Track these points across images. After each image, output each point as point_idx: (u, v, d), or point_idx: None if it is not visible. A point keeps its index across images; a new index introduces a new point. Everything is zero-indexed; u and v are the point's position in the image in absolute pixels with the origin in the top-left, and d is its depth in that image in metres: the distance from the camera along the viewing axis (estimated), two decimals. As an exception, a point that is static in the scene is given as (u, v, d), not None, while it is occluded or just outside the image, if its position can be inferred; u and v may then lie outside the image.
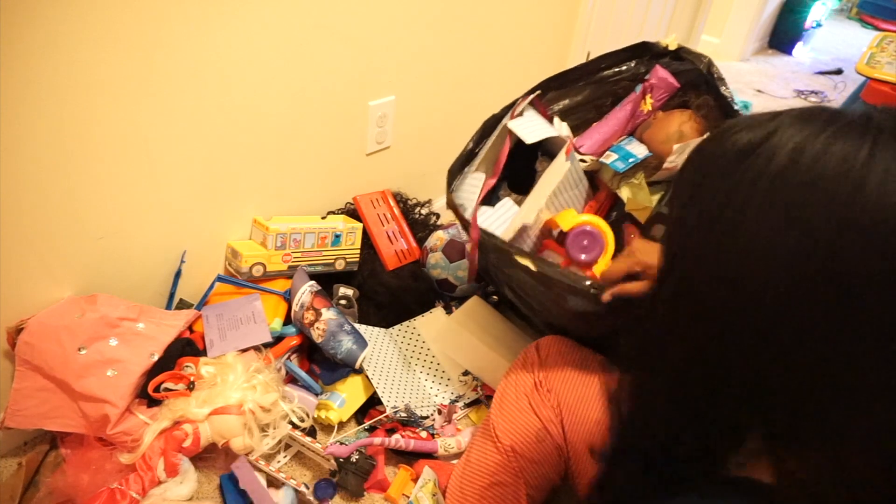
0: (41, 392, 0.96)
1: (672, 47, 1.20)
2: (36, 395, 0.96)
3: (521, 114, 1.10)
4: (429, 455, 1.11)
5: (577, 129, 1.26)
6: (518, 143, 1.11)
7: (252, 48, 1.08)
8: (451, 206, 1.08)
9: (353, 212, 1.42)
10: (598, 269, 1.00)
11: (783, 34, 3.76)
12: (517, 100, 1.17)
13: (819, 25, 3.82)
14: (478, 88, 1.67)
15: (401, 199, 1.49)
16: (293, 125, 1.23)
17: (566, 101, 1.25)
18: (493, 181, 1.09)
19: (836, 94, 3.19)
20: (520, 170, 1.21)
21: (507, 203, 1.10)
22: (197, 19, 0.98)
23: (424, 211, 1.53)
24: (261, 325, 1.15)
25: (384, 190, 1.47)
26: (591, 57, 1.99)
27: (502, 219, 1.08)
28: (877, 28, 4.28)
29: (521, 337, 1.28)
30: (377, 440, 1.07)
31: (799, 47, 3.77)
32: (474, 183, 1.10)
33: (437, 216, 1.55)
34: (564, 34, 1.89)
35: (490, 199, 1.23)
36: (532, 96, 1.16)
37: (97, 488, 0.91)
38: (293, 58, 1.15)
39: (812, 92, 3.19)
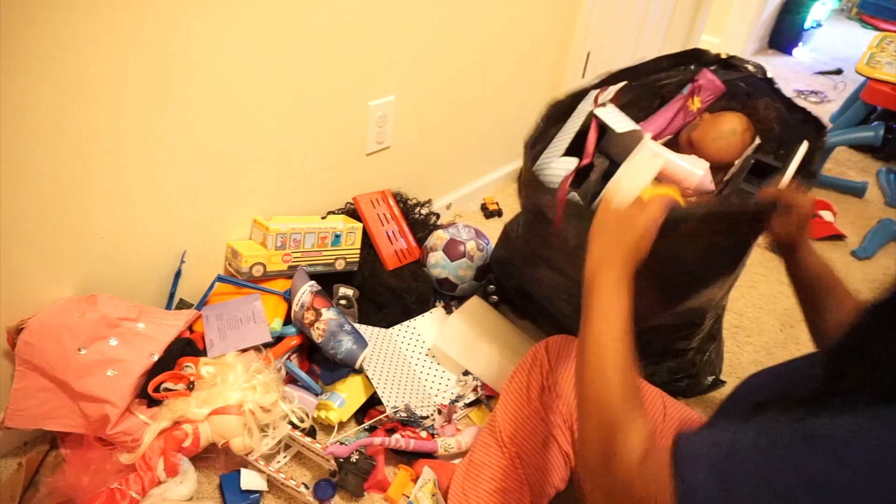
0: (41, 392, 0.96)
1: (724, 56, 1.22)
2: (36, 395, 0.96)
3: (604, 104, 1.11)
4: (429, 455, 1.11)
5: None
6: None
7: (252, 48, 1.08)
8: (532, 184, 1.04)
9: (353, 212, 1.42)
10: None
11: (783, 34, 3.77)
12: (587, 88, 1.17)
13: (819, 25, 3.83)
14: (478, 88, 1.67)
15: (401, 199, 1.49)
16: (293, 125, 1.23)
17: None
18: (586, 161, 1.08)
19: (836, 95, 3.19)
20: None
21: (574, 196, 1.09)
22: (197, 19, 0.98)
23: (424, 211, 1.53)
24: (261, 325, 1.15)
25: (384, 190, 1.47)
26: (591, 57, 2.00)
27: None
28: (877, 28, 4.28)
29: (522, 337, 1.28)
30: (377, 440, 1.07)
31: (799, 47, 3.78)
32: (563, 166, 1.07)
33: (437, 216, 1.56)
34: (564, 34, 1.89)
35: None
36: (616, 88, 1.16)
37: (97, 488, 0.91)
38: (293, 58, 1.15)
39: (812, 92, 3.19)
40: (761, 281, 1.71)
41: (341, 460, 1.04)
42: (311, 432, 1.12)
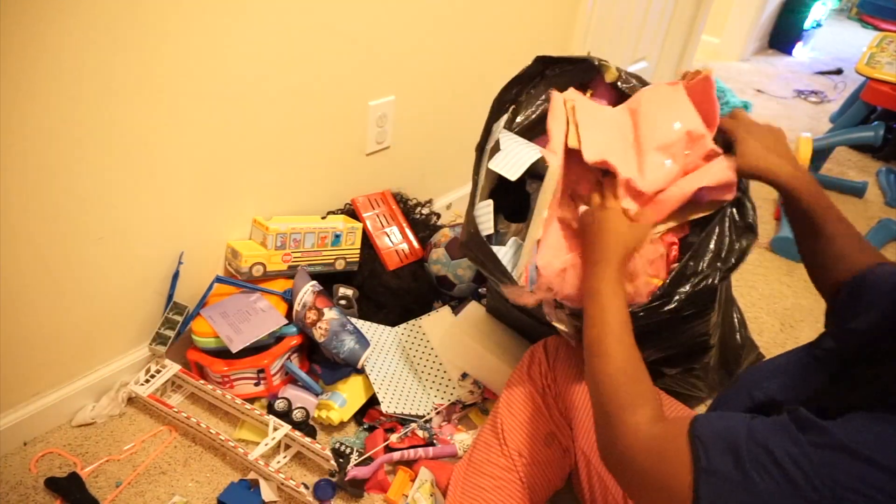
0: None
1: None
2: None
3: (497, 148, 1.03)
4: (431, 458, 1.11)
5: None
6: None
7: (252, 48, 1.08)
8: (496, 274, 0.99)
9: (352, 212, 1.42)
10: None
11: (783, 34, 3.77)
12: (491, 124, 1.10)
13: (819, 25, 3.83)
14: (478, 88, 1.66)
15: (401, 200, 1.49)
16: (293, 125, 1.23)
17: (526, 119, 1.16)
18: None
19: (836, 94, 3.19)
20: (513, 196, 1.14)
21: (515, 243, 1.06)
22: (197, 19, 0.97)
23: (425, 211, 1.53)
24: (271, 311, 1.16)
25: (384, 191, 1.47)
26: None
27: (514, 259, 1.04)
28: (877, 28, 4.29)
29: (521, 340, 1.28)
30: (396, 455, 1.07)
31: (799, 47, 3.78)
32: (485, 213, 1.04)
33: (438, 216, 1.55)
34: (564, 34, 1.89)
35: (491, 237, 1.19)
36: (501, 125, 1.09)
37: None
38: (293, 57, 1.15)
39: (812, 92, 3.19)
40: (761, 281, 1.71)
41: (341, 460, 1.04)
42: (311, 432, 1.12)
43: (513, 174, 0.98)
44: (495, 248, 0.99)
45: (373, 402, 1.18)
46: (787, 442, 0.50)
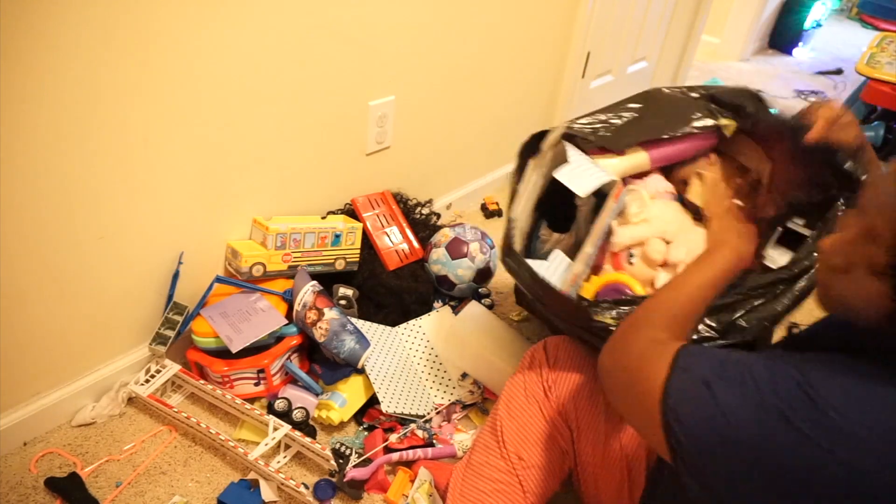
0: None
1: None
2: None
3: (565, 159, 1.02)
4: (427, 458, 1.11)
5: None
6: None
7: (252, 48, 1.08)
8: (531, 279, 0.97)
9: (352, 212, 1.42)
10: None
11: (783, 34, 3.77)
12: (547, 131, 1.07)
13: (819, 25, 3.83)
14: (478, 88, 1.67)
15: (401, 200, 1.49)
16: (293, 125, 1.23)
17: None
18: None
19: (836, 94, 3.19)
20: (560, 206, 1.13)
21: (558, 256, 1.04)
22: (197, 19, 0.98)
23: (425, 211, 1.53)
24: (271, 311, 1.16)
25: (384, 191, 1.47)
26: (591, 57, 1.99)
27: (557, 273, 1.02)
28: (877, 28, 4.28)
29: (521, 340, 1.28)
30: (395, 455, 1.07)
31: (799, 47, 3.78)
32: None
33: (438, 216, 1.55)
34: (564, 34, 1.89)
35: (531, 243, 1.17)
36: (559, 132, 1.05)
37: None
38: (293, 57, 1.15)
39: (812, 92, 3.19)
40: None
41: (341, 461, 1.04)
42: (311, 432, 1.12)
43: (581, 190, 0.99)
44: (537, 262, 1.00)
45: (373, 402, 1.18)
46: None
